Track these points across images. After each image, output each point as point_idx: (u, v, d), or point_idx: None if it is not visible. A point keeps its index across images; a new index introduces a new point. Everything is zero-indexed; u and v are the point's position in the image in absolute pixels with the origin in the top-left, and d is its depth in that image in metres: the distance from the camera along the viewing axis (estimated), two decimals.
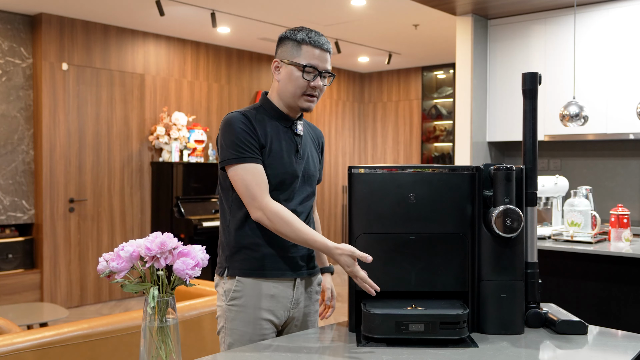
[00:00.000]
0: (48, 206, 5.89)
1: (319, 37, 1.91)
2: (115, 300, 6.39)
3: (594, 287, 3.40)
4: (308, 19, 5.96)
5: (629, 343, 1.67)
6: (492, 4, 4.84)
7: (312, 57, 1.88)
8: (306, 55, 1.88)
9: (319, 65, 1.89)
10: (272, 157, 1.88)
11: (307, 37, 1.89)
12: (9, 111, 5.79)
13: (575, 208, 3.49)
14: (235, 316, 1.89)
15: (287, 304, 1.94)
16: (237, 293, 1.90)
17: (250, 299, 1.89)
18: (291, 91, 1.90)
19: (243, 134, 1.84)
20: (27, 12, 5.85)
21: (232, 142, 1.85)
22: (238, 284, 1.90)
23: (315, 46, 1.88)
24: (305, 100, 1.90)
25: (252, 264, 1.90)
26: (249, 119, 1.87)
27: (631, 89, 4.54)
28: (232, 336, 1.89)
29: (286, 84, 1.90)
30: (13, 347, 2.13)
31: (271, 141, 1.89)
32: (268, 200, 1.83)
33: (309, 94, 1.90)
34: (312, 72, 1.88)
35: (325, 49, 1.90)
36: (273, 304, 1.91)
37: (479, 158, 5.21)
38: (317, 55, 1.88)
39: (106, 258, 1.35)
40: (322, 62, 1.89)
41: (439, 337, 1.60)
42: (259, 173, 1.84)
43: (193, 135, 6.83)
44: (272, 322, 1.91)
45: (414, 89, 8.67)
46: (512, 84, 5.11)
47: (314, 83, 1.89)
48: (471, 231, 1.76)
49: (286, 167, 1.90)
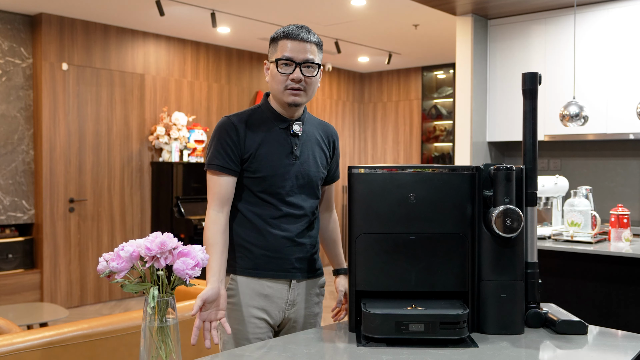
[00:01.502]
0: (48, 206, 5.89)
1: (297, 30, 1.87)
2: (115, 300, 6.39)
3: (594, 287, 3.40)
4: (308, 19, 5.96)
5: (629, 343, 1.67)
6: (492, 4, 4.84)
7: (285, 50, 1.85)
8: (281, 49, 1.86)
9: (296, 57, 1.85)
10: (260, 160, 1.89)
11: (282, 32, 1.87)
12: (9, 111, 5.79)
13: (575, 208, 3.49)
14: (229, 314, 1.90)
15: (282, 304, 1.93)
16: (231, 291, 1.91)
17: (243, 297, 1.89)
18: (275, 88, 1.89)
19: (222, 142, 1.88)
20: (27, 12, 5.85)
21: (213, 147, 1.91)
22: (232, 282, 1.91)
23: (289, 38, 1.86)
24: (290, 95, 1.87)
25: (246, 262, 1.91)
26: (235, 127, 1.88)
27: (631, 89, 4.54)
28: (226, 333, 1.90)
29: (271, 83, 1.91)
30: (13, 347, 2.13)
31: (260, 145, 1.89)
32: (212, 212, 1.88)
33: (292, 87, 1.87)
34: (289, 64, 1.85)
35: (301, 38, 1.86)
36: (267, 304, 1.91)
37: (479, 158, 5.21)
38: (292, 47, 1.85)
39: (106, 258, 1.35)
40: (299, 53, 1.85)
41: (439, 337, 1.60)
42: (221, 184, 1.88)
43: (193, 135, 6.83)
44: (266, 321, 1.91)
45: (414, 89, 8.67)
46: (512, 84, 5.11)
47: (293, 75, 1.85)
48: (471, 231, 1.76)
49: (276, 169, 1.89)
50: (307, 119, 2.01)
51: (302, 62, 1.86)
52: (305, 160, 1.96)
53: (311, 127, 2.01)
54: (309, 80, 1.88)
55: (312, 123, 2.03)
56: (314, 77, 1.90)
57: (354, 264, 1.74)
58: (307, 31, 1.88)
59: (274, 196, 1.90)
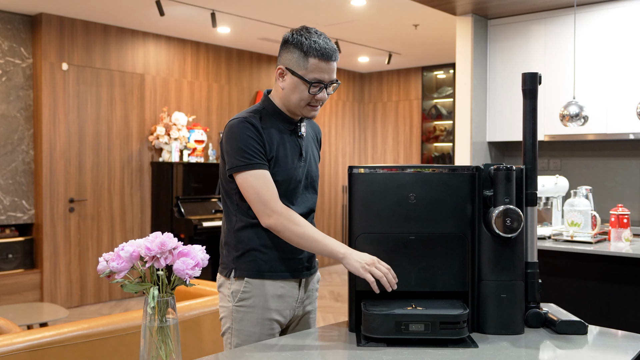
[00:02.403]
0: (48, 206, 5.89)
1: (327, 46, 1.81)
2: (115, 300, 6.39)
3: (594, 287, 3.40)
4: (308, 19, 5.96)
5: (629, 343, 1.67)
6: (492, 4, 4.84)
7: (319, 71, 1.81)
8: (313, 69, 1.80)
9: (326, 78, 1.83)
10: (278, 164, 1.87)
11: (314, 49, 1.79)
12: (9, 111, 5.79)
13: (575, 208, 3.49)
14: (244, 317, 1.89)
15: (293, 303, 1.94)
16: (246, 294, 1.89)
17: (258, 300, 1.89)
18: (295, 102, 1.86)
19: (249, 140, 1.81)
20: (27, 12, 5.85)
21: (238, 148, 1.81)
22: (247, 285, 1.89)
23: (322, 59, 1.80)
24: (310, 110, 1.88)
25: (261, 265, 1.90)
26: (254, 126, 1.84)
27: (631, 89, 4.54)
28: (240, 337, 1.89)
29: (290, 94, 1.86)
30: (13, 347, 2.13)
31: (277, 148, 1.87)
32: (280, 207, 1.80)
33: (314, 104, 1.87)
34: (319, 86, 1.83)
35: (333, 60, 1.82)
36: (280, 304, 1.91)
37: (479, 158, 5.21)
38: (325, 68, 1.81)
39: (106, 258, 1.35)
40: (329, 73, 1.83)
41: (439, 337, 1.60)
42: (268, 179, 1.82)
43: (193, 135, 6.83)
44: (279, 321, 1.92)
45: (414, 89, 8.67)
46: (512, 84, 5.11)
47: (320, 96, 1.85)
48: (471, 231, 1.76)
49: (290, 172, 1.89)
50: None
51: (329, 83, 1.85)
52: (309, 160, 1.97)
53: (307, 127, 2.03)
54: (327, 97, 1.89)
55: (306, 122, 2.04)
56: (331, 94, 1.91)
57: None
58: (334, 50, 1.83)
59: (286, 198, 1.89)
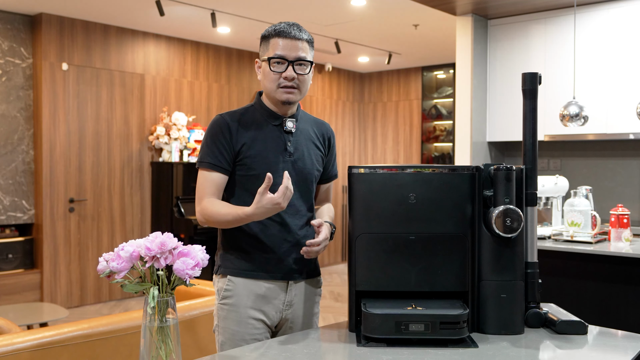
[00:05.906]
0: (48, 206, 5.89)
1: (289, 27, 1.87)
2: (115, 300, 6.39)
3: (594, 287, 3.40)
4: (308, 19, 5.96)
5: (629, 343, 1.67)
6: (492, 4, 4.84)
7: (277, 48, 1.86)
8: (273, 47, 1.87)
9: (288, 55, 1.85)
10: (254, 158, 1.89)
11: (273, 30, 1.88)
12: (9, 111, 5.79)
13: (575, 208, 3.49)
14: (227, 315, 1.90)
15: (279, 305, 1.93)
16: (229, 292, 1.91)
17: (240, 299, 1.89)
18: (268, 87, 1.90)
19: (214, 139, 1.88)
20: (27, 12, 5.84)
21: (204, 144, 1.91)
22: (229, 283, 1.91)
23: (280, 36, 1.86)
24: (284, 93, 1.88)
25: (244, 264, 1.91)
26: (227, 125, 1.89)
27: (631, 89, 4.54)
28: (224, 335, 1.90)
29: (264, 82, 1.92)
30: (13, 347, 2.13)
31: (253, 142, 1.89)
32: (205, 201, 1.86)
33: (284, 85, 1.87)
34: (281, 62, 1.86)
35: (293, 36, 1.86)
36: (264, 304, 1.90)
37: (479, 158, 5.21)
38: (283, 45, 1.85)
39: (106, 258, 1.35)
40: (291, 50, 1.86)
41: (439, 337, 1.60)
42: (209, 179, 1.88)
43: (193, 135, 6.83)
44: (264, 322, 1.91)
45: (414, 89, 8.67)
46: (512, 84, 5.11)
47: (286, 73, 1.86)
48: (471, 231, 1.76)
49: (270, 166, 1.89)
50: (301, 116, 2.01)
51: (295, 60, 1.86)
52: (299, 157, 1.95)
53: (305, 124, 2.01)
54: (301, 78, 1.89)
55: (306, 120, 2.03)
56: (307, 75, 1.90)
57: (354, 264, 1.74)
58: (298, 29, 1.88)
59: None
